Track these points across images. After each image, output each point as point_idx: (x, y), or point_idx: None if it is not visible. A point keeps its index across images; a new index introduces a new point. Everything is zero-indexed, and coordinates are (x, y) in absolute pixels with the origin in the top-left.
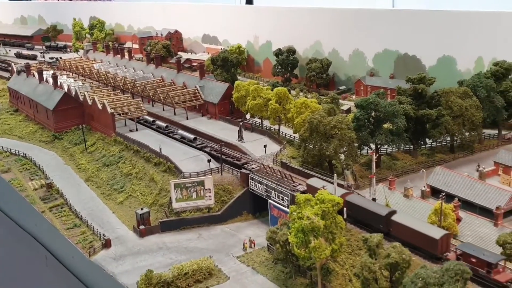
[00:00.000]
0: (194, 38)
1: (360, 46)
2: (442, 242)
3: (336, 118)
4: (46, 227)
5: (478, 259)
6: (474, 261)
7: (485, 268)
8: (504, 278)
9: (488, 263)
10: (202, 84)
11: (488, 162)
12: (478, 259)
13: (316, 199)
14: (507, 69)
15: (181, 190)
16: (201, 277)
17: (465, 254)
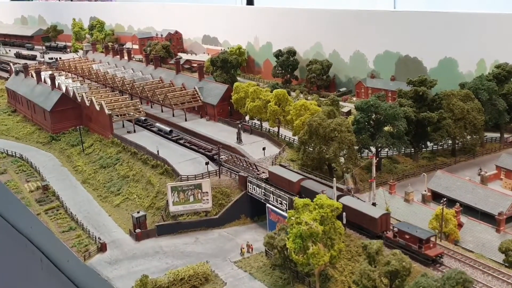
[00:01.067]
0: (194, 39)
1: (360, 48)
2: (382, 221)
3: (336, 121)
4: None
5: (411, 235)
6: (407, 237)
7: (417, 244)
8: (434, 253)
9: (419, 239)
10: (201, 85)
11: (490, 165)
12: (411, 235)
13: (315, 204)
14: (509, 71)
15: (178, 193)
16: (197, 283)
17: (400, 231)
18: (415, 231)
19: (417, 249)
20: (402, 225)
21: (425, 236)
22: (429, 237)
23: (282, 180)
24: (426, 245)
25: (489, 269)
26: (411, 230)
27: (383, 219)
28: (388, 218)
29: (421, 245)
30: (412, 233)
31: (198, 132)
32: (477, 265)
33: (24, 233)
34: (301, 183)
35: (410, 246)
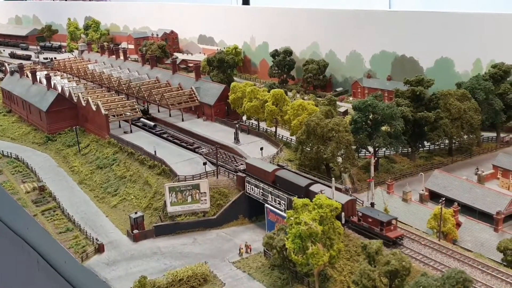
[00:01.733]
0: (190, 39)
1: (357, 48)
2: (348, 206)
3: (333, 121)
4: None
5: (374, 219)
6: (370, 220)
7: (379, 227)
8: (394, 235)
9: (381, 222)
10: (198, 85)
11: (486, 165)
12: (374, 219)
13: (314, 204)
14: (505, 71)
15: (176, 194)
16: (196, 284)
17: (364, 215)
18: (377, 215)
19: (378, 231)
20: (366, 209)
21: (386, 219)
22: (390, 220)
23: (258, 170)
24: (387, 227)
25: (488, 268)
26: (374, 214)
27: (349, 204)
28: (354, 203)
29: (382, 227)
30: (375, 216)
31: (195, 132)
32: (476, 264)
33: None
34: (276, 173)
35: (373, 228)
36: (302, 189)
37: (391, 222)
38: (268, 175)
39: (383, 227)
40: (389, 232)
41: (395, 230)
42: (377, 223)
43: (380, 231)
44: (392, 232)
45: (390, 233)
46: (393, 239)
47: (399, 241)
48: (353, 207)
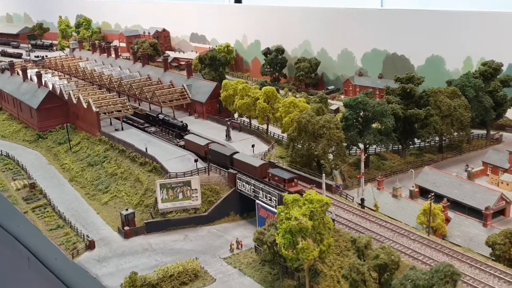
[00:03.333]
0: (182, 37)
1: (348, 46)
2: (261, 169)
3: (324, 118)
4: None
5: (279, 177)
6: (277, 178)
7: (283, 183)
8: (294, 189)
9: (284, 179)
10: (189, 83)
11: (476, 162)
12: (279, 177)
13: (304, 199)
14: (495, 69)
15: (167, 191)
16: (186, 279)
17: (272, 175)
18: (282, 174)
19: (283, 187)
20: (275, 170)
21: (288, 177)
22: (292, 177)
23: (194, 145)
24: (288, 183)
25: (476, 263)
26: (279, 174)
27: (262, 167)
28: (267, 166)
29: (285, 183)
30: (280, 175)
31: None
32: (465, 258)
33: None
34: (209, 146)
35: (279, 185)
36: (227, 158)
37: (292, 180)
38: (201, 148)
39: (285, 183)
40: (290, 187)
41: (296, 186)
42: (281, 180)
43: (284, 186)
44: (293, 187)
45: (291, 188)
46: (293, 192)
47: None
48: (266, 170)
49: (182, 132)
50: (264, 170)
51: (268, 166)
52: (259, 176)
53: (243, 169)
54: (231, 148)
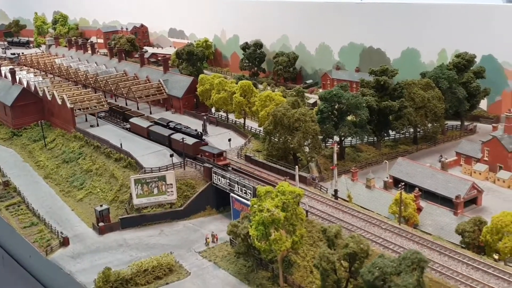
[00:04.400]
0: (161, 33)
1: (326, 40)
2: (195, 146)
3: (300, 111)
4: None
5: (209, 152)
6: (207, 154)
7: (212, 158)
8: (222, 163)
9: (213, 154)
10: (166, 78)
11: (451, 152)
12: (209, 152)
13: (277, 191)
14: (468, 60)
15: (141, 186)
16: (161, 274)
17: (203, 151)
18: (212, 150)
19: (212, 161)
20: (206, 147)
21: (216, 151)
22: (220, 152)
23: (137, 127)
24: (217, 158)
25: (446, 250)
26: (209, 150)
27: (195, 145)
28: (199, 144)
29: (214, 158)
30: (210, 151)
31: None
32: (435, 246)
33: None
34: (149, 128)
35: (209, 159)
36: (166, 138)
37: (220, 154)
38: (143, 130)
39: (214, 158)
40: (219, 161)
41: (224, 160)
42: (211, 155)
43: (213, 160)
44: (221, 161)
45: (219, 162)
46: (222, 166)
47: (227, 168)
48: (198, 147)
49: None
50: (197, 147)
51: (200, 144)
52: (193, 153)
53: (179, 147)
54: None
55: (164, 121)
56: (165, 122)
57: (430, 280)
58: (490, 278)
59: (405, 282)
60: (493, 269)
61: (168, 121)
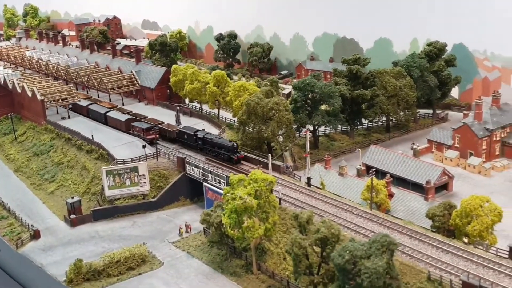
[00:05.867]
0: (134, 24)
1: (300, 30)
2: (127, 123)
3: (273, 100)
4: None
5: (139, 127)
6: (137, 129)
7: (142, 132)
8: (150, 137)
9: (143, 129)
10: (138, 69)
11: (423, 140)
12: (139, 127)
13: (250, 179)
14: (440, 49)
15: (113, 177)
16: (133, 264)
17: (134, 126)
18: (142, 125)
19: (142, 135)
20: (136, 123)
21: (145, 126)
22: (149, 127)
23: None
24: (146, 132)
25: (416, 234)
26: (140, 125)
27: (127, 121)
28: (131, 121)
29: (144, 132)
30: (140, 126)
31: None
32: (405, 230)
33: None
34: (88, 106)
35: (139, 134)
36: (102, 115)
37: (150, 129)
38: (82, 109)
39: (144, 132)
40: (148, 136)
41: (153, 136)
42: (141, 130)
43: (143, 135)
44: (150, 136)
45: (148, 136)
46: (151, 140)
47: (154, 141)
48: (130, 123)
49: (232, 155)
50: (129, 123)
51: (132, 120)
52: (125, 128)
53: (114, 124)
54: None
55: (191, 130)
56: (191, 131)
57: (401, 264)
58: (459, 260)
59: (375, 265)
60: (462, 251)
61: (195, 130)
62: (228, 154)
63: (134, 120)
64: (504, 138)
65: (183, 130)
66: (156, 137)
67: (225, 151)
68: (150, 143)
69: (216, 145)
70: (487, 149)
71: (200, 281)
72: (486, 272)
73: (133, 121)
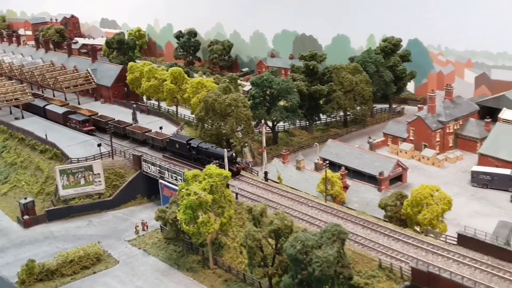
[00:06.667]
0: (92, 23)
1: (260, 28)
2: (64, 115)
3: (231, 96)
4: None
5: (76, 120)
6: (74, 121)
7: (78, 124)
8: (87, 129)
9: (79, 121)
10: (94, 67)
11: (379, 134)
12: (76, 120)
13: (204, 174)
14: (395, 44)
15: (67, 176)
16: (88, 263)
17: (71, 119)
18: (78, 117)
19: (79, 127)
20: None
21: (81, 118)
22: (85, 119)
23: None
24: (83, 124)
25: (368, 224)
26: (76, 117)
27: (65, 114)
28: (68, 113)
29: (80, 124)
30: (76, 118)
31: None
32: (358, 220)
33: None
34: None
35: (76, 126)
36: (41, 109)
37: (86, 121)
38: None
39: (80, 124)
40: (84, 127)
41: (89, 126)
42: (78, 122)
43: (80, 127)
44: (87, 127)
45: (85, 128)
46: (86, 131)
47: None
48: (67, 116)
49: (231, 165)
50: (66, 116)
51: (69, 113)
52: (63, 121)
53: (52, 117)
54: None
55: (183, 138)
56: (184, 139)
57: (353, 253)
58: (410, 248)
59: (326, 254)
60: (413, 239)
61: (188, 138)
62: None
63: (71, 112)
64: (457, 130)
65: (174, 139)
66: (93, 129)
67: (223, 162)
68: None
69: (212, 155)
70: (440, 141)
71: (156, 278)
72: (435, 259)
73: (70, 113)
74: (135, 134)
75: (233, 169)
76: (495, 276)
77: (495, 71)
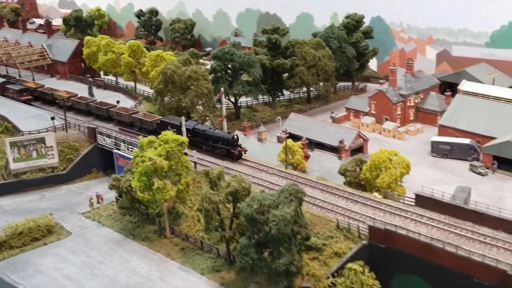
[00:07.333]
0: (50, 3)
1: (223, 6)
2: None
3: (191, 68)
4: None
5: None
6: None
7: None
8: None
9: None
10: (50, 42)
11: (342, 110)
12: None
13: (160, 140)
14: (357, 21)
15: (18, 149)
16: (38, 235)
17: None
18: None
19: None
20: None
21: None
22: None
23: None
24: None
25: (327, 188)
26: (13, 87)
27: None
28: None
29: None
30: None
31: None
32: (317, 185)
33: None
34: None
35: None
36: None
37: (23, 91)
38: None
39: (17, 94)
40: (22, 97)
41: (26, 96)
42: (15, 92)
43: (17, 96)
44: (24, 97)
45: (22, 97)
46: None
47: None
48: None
49: (232, 149)
50: (4, 86)
51: (6, 83)
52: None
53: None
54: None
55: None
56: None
57: (312, 215)
58: (368, 209)
59: (282, 212)
60: (371, 201)
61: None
62: (227, 148)
63: (8, 83)
64: (418, 103)
65: (166, 121)
66: (30, 98)
67: (223, 145)
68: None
69: (211, 138)
70: (401, 114)
71: (110, 248)
72: (393, 219)
73: (8, 83)
74: (121, 116)
75: (234, 153)
76: (451, 233)
77: (456, 47)
